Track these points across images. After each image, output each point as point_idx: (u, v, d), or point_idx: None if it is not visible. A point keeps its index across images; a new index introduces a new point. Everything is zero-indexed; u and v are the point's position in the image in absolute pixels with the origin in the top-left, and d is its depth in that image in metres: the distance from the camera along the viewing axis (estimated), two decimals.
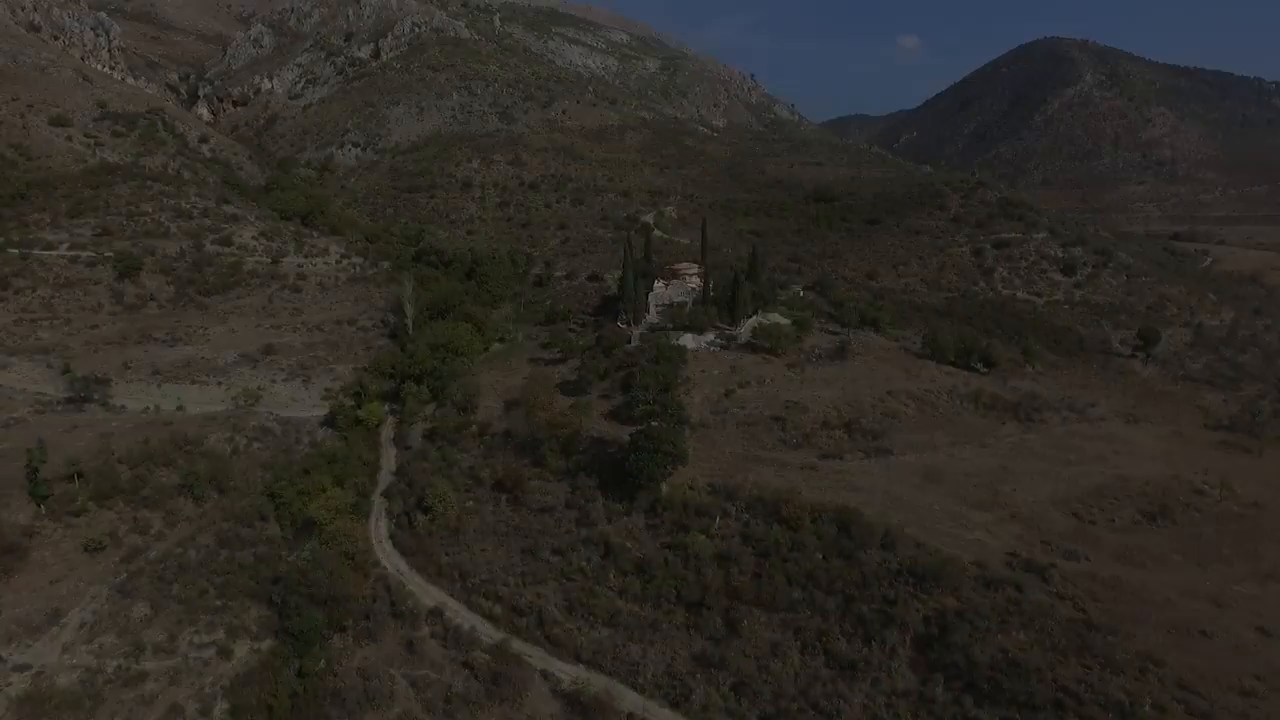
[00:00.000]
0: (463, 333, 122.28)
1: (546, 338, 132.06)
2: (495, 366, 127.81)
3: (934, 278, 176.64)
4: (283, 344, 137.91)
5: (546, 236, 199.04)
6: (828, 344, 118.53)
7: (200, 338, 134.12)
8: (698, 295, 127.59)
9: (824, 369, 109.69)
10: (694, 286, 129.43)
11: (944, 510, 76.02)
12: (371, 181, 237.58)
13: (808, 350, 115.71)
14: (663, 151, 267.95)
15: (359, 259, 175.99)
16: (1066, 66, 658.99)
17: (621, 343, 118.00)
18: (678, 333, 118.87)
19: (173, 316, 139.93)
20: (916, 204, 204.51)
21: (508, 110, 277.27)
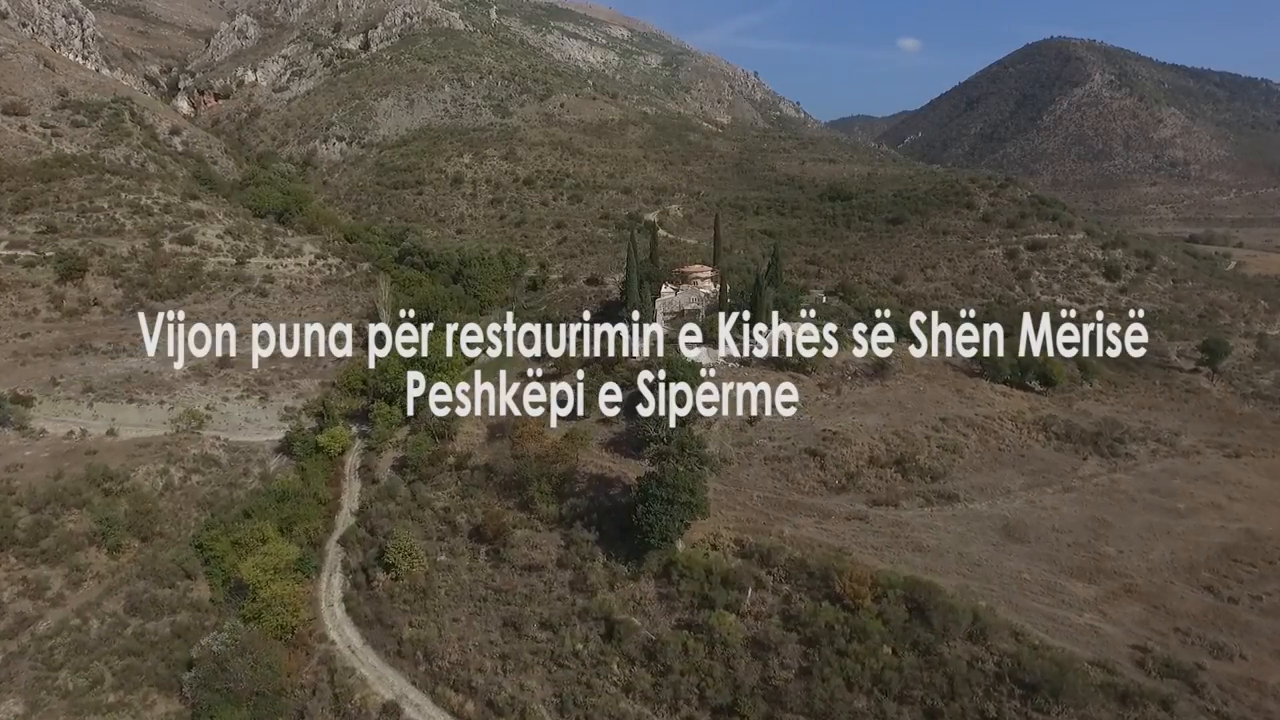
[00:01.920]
0: (442, 344, 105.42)
1: (541, 349, 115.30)
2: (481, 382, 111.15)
3: (965, 282, 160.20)
4: (241, 355, 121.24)
5: (542, 236, 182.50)
6: (864, 359, 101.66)
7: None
8: (711, 302, 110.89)
9: (863, 390, 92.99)
10: (707, 292, 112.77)
11: (1037, 580, 59.31)
12: (356, 177, 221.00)
13: (841, 367, 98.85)
14: (666, 147, 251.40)
15: (336, 260, 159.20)
16: (1074, 66, 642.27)
17: (625, 356, 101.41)
18: (689, 346, 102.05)
19: (118, 324, 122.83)
20: (942, 202, 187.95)
21: (502, 103, 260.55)
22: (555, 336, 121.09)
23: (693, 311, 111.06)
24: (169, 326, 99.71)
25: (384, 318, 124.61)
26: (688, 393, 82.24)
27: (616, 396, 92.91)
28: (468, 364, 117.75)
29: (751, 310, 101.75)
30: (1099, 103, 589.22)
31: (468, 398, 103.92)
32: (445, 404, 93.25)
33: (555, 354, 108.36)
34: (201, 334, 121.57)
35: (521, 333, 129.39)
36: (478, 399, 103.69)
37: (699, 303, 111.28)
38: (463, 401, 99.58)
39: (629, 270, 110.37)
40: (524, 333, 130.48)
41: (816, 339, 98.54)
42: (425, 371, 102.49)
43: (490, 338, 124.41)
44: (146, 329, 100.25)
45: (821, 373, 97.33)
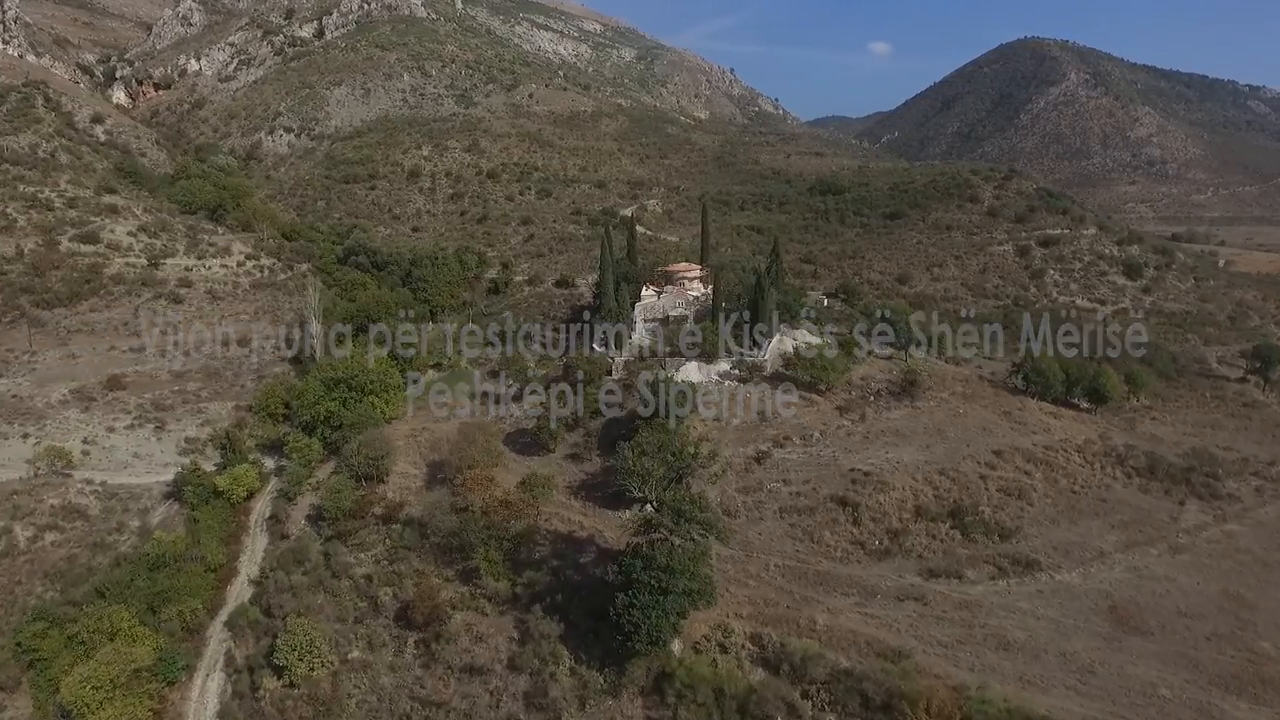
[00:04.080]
0: (379, 363, 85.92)
1: (498, 363, 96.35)
2: (425, 407, 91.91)
3: (976, 281, 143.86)
4: (140, 374, 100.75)
5: (507, 233, 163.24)
6: (885, 374, 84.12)
7: (21, 367, 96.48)
8: (701, 306, 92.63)
9: (891, 414, 75.26)
10: (695, 294, 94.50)
11: (1181, 698, 41.68)
12: (303, 171, 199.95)
13: (861, 384, 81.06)
14: (643, 140, 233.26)
15: (270, 261, 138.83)
16: (1050, 65, 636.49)
17: (598, 374, 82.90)
18: (677, 359, 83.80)
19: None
20: (943, 195, 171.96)
21: (466, 93, 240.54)
22: (516, 348, 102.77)
23: (679, 318, 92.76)
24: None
25: (314, 328, 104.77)
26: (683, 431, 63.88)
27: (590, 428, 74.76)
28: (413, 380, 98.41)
29: (752, 316, 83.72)
30: (1075, 102, 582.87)
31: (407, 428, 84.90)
32: (373, 439, 73.93)
33: (516, 370, 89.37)
34: (91, 348, 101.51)
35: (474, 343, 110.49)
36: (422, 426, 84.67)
37: (686, 307, 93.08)
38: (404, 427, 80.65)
39: (603, 270, 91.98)
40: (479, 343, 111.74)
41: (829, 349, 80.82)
42: (353, 394, 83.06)
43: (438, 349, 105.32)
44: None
45: (838, 391, 79.43)
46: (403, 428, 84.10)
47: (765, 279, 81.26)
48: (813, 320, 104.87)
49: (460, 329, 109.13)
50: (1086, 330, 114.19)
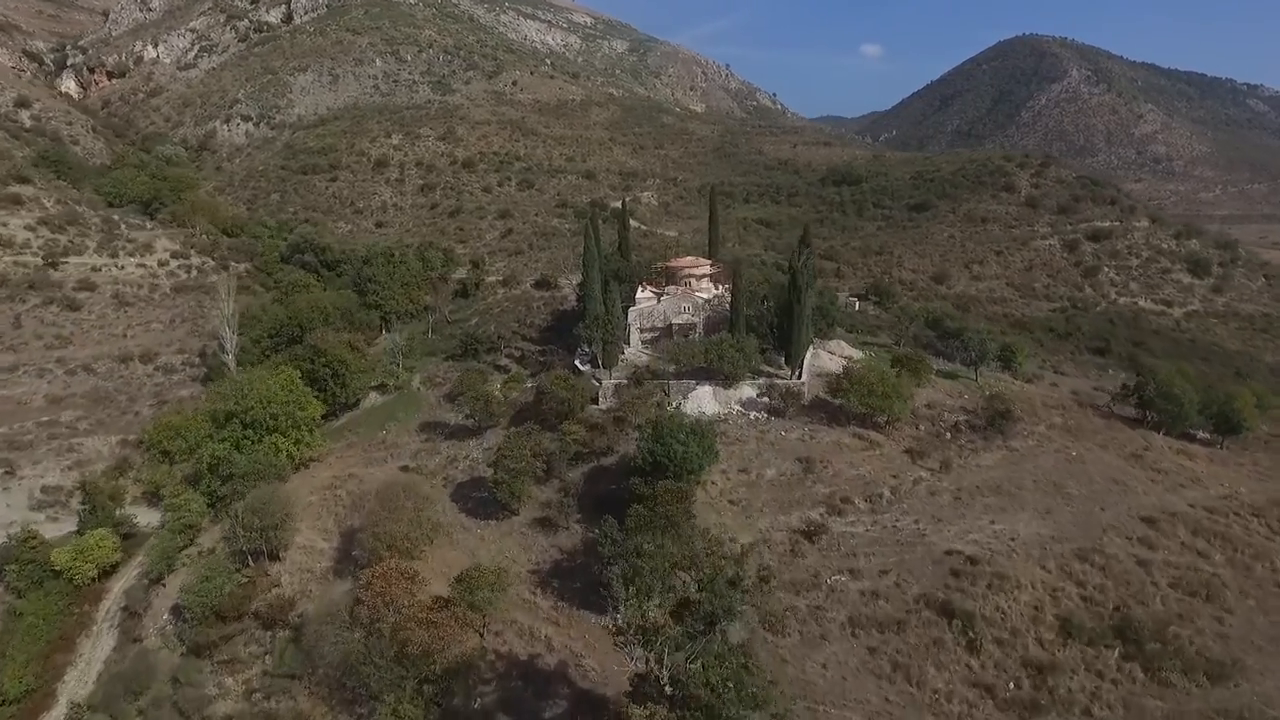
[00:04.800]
0: (286, 387, 64.37)
1: (457, 384, 74.98)
2: (357, 445, 70.51)
3: (1022, 280, 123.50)
4: (3, 399, 79.16)
5: (482, 228, 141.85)
6: (955, 400, 63.15)
7: None
8: (714, 312, 71.46)
9: (981, 460, 54.32)
10: (705, 297, 73.28)
11: None
12: (260, 161, 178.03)
13: (930, 414, 59.99)
14: (636, 129, 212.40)
15: (201, 260, 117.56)
16: (1050, 62, 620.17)
17: (581, 402, 61.77)
18: (685, 383, 62.60)
19: None
20: (974, 184, 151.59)
21: (444, 80, 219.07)
22: (481, 365, 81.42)
23: (685, 326, 71.57)
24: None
25: (227, 340, 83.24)
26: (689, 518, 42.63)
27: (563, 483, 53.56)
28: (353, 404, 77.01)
29: (784, 324, 62.71)
30: (1078, 99, 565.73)
31: (327, 475, 63.50)
32: (266, 499, 52.47)
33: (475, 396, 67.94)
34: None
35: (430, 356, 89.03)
36: (347, 472, 63.28)
37: (694, 312, 71.93)
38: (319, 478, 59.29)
39: (587, 268, 70.87)
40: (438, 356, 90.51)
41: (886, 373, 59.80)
42: (249, 432, 61.59)
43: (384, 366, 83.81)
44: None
45: (903, 426, 58.35)
46: (321, 475, 62.90)
47: (802, 275, 60.10)
48: (845, 328, 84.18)
49: (412, 340, 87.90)
50: None
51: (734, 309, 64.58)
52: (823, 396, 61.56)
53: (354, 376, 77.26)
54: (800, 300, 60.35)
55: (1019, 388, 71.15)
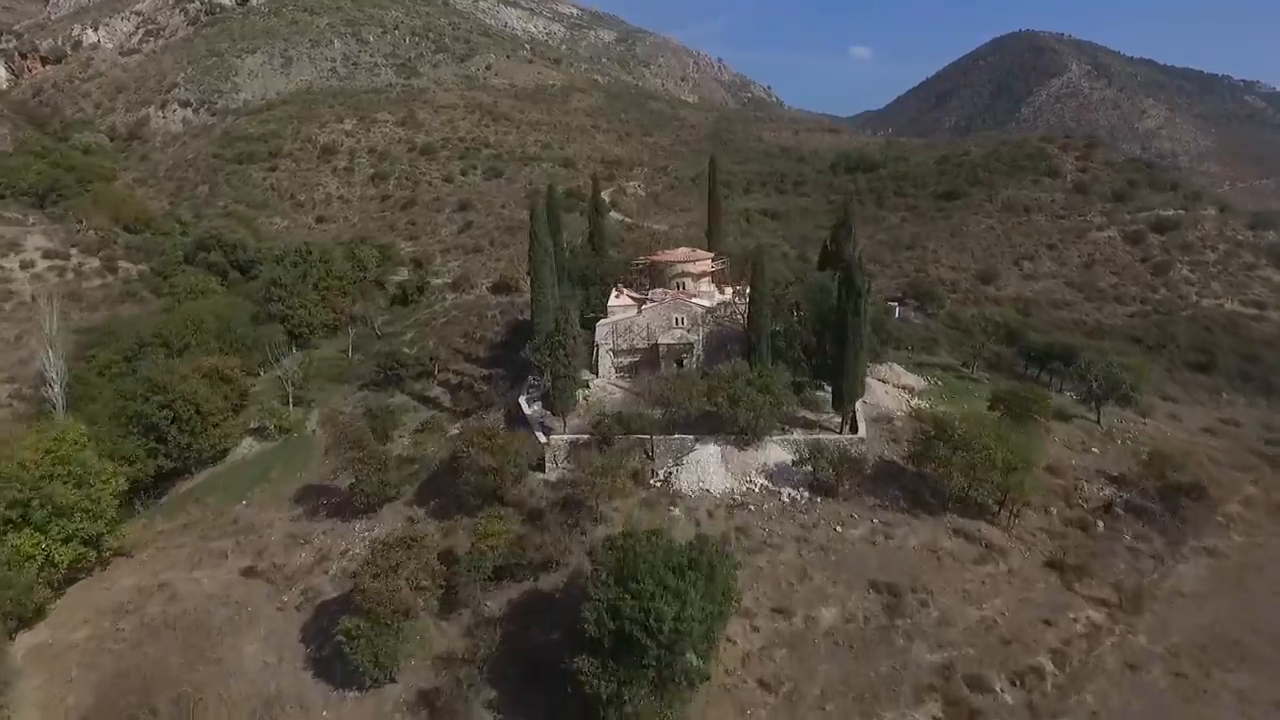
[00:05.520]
0: (65, 451, 41.20)
1: (355, 435, 51.60)
2: (199, 524, 47.59)
3: (1083, 279, 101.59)
4: None
5: (438, 222, 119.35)
6: (1090, 460, 40.44)
7: None
8: (719, 326, 48.66)
9: (1179, 579, 30.78)
10: (706, 307, 50.40)
11: None
12: (193, 150, 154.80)
13: (1061, 488, 36.96)
14: (622, 116, 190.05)
15: (84, 260, 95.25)
16: (1049, 57, 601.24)
17: (515, 472, 38.90)
18: (681, 438, 39.73)
19: None
20: (1011, 169, 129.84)
21: (409, 63, 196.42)
22: (388, 408, 58.31)
23: (678, 346, 48.76)
24: None
25: (49, 367, 60.03)
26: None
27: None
28: (215, 457, 54.16)
29: (826, 346, 40.05)
30: (1079, 94, 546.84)
31: (131, 584, 40.67)
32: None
33: (365, 461, 44.96)
34: None
35: (339, 384, 66.13)
36: (135, 604, 40.41)
37: (689, 327, 49.19)
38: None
39: (536, 266, 48.25)
40: (352, 386, 67.84)
41: (988, 418, 37.45)
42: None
43: (266, 404, 60.82)
44: None
45: (1031, 512, 35.61)
46: (118, 585, 40.01)
47: (858, 274, 37.46)
48: (892, 345, 61.36)
49: (309, 363, 65.01)
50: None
51: (752, 322, 42.00)
52: (888, 458, 38.89)
53: (215, 420, 54.33)
54: (857, 310, 37.83)
55: (1158, 432, 48.69)
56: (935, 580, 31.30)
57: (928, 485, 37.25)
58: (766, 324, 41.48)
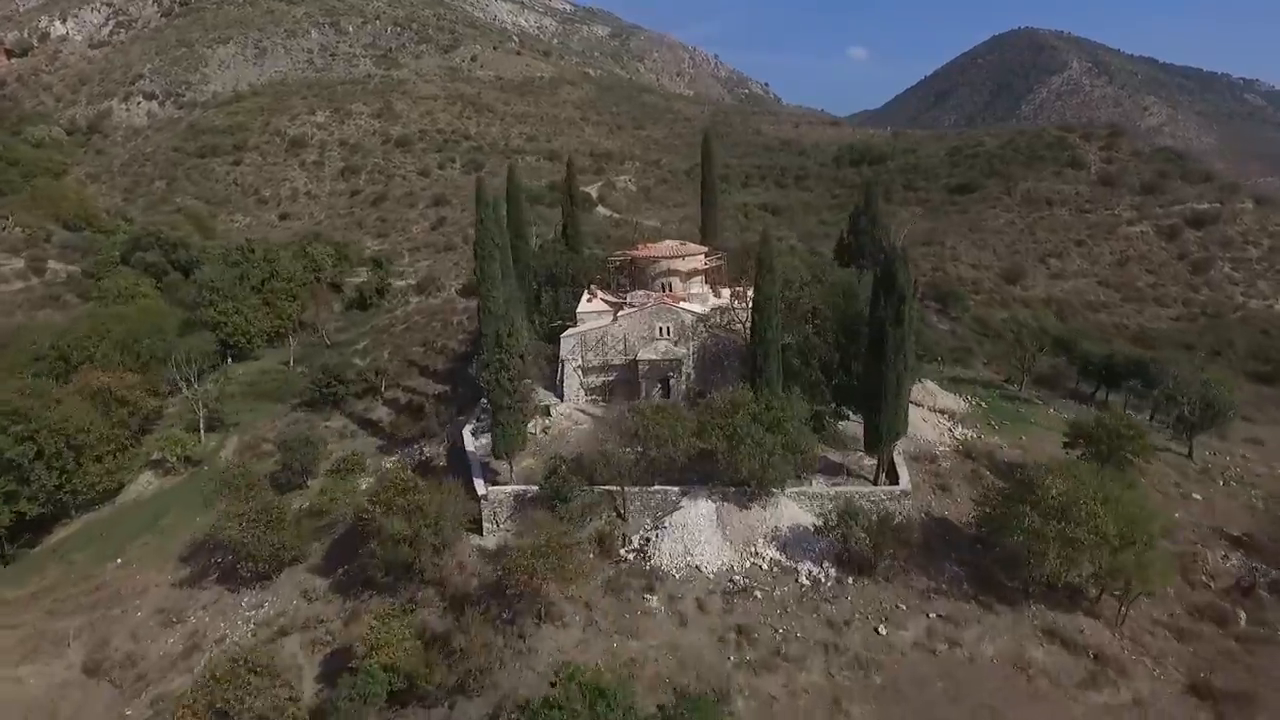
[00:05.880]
0: None
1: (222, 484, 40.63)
2: (56, 588, 37.28)
3: (1118, 278, 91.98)
4: None
5: (409, 218, 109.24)
6: (1201, 515, 29.91)
7: None
8: (712, 337, 38.34)
9: None
10: (698, 313, 40.04)
11: None
12: (155, 144, 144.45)
13: (1189, 565, 26.34)
14: (613, 108, 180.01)
15: (5, 260, 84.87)
16: (1049, 55, 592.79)
17: (436, 540, 28.51)
18: (663, 490, 29.24)
19: None
20: (1029, 160, 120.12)
21: (390, 54, 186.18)
22: (308, 435, 47.89)
23: (660, 365, 38.52)
24: None
25: None
26: None
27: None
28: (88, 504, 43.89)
29: (853, 364, 29.71)
30: (1080, 91, 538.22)
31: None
32: None
33: (255, 519, 34.64)
34: None
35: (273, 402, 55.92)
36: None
37: (676, 338, 38.96)
38: None
39: (482, 263, 37.61)
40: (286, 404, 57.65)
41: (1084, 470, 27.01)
42: None
43: (171, 436, 50.55)
44: None
45: (1152, 603, 25.20)
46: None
47: (901, 269, 27.26)
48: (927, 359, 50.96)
49: (223, 383, 54.65)
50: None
51: (757, 332, 31.73)
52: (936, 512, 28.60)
53: (98, 453, 44.11)
54: (900, 317, 27.67)
55: (1266, 470, 38.49)
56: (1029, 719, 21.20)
57: (995, 557, 27.19)
58: (775, 335, 31.34)
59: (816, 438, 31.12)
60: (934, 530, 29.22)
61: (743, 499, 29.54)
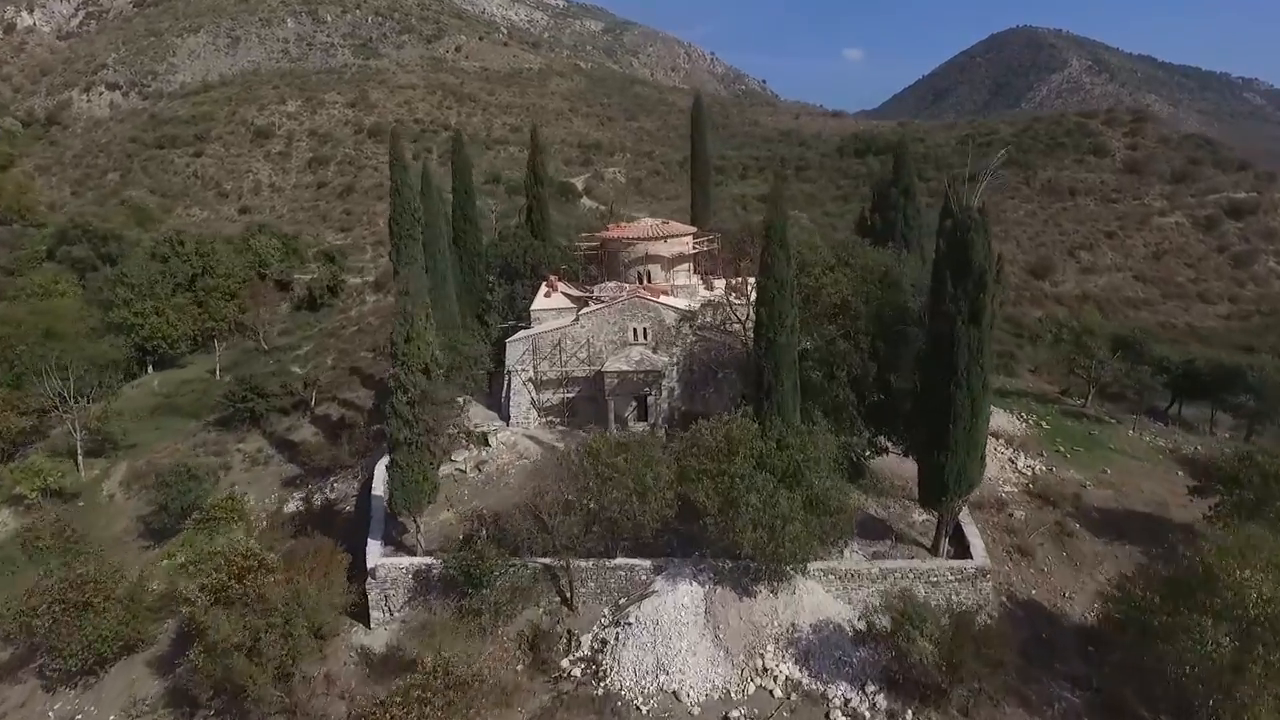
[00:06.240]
0: None
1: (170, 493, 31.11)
2: None
3: (1155, 273, 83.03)
4: None
5: (377, 211, 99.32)
6: None
7: None
8: (704, 345, 28.66)
9: None
10: (682, 309, 30.45)
11: None
12: (114, 135, 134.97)
13: None
14: (604, 100, 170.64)
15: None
16: (1048, 53, 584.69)
17: (276, 662, 18.91)
18: (629, 565, 19.58)
19: None
20: (1048, 148, 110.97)
21: (370, 43, 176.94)
22: (188, 475, 38.22)
23: (634, 379, 28.99)
24: None
25: None
26: None
27: None
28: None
29: (927, 394, 20.04)
30: (1080, 89, 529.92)
31: None
32: None
33: (66, 606, 25.12)
34: None
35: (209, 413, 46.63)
36: None
37: (657, 340, 29.40)
38: None
39: (397, 240, 27.97)
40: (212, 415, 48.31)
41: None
42: None
43: (38, 467, 41.16)
44: None
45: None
46: None
47: (979, 240, 17.83)
48: None
49: (108, 399, 44.99)
50: None
51: (764, 334, 22.17)
52: (1019, 591, 19.07)
53: None
54: (977, 314, 18.14)
55: None
56: None
57: (1123, 668, 17.83)
58: (790, 339, 21.89)
59: (853, 488, 21.69)
60: (1022, 623, 19.93)
61: (743, 580, 20.23)
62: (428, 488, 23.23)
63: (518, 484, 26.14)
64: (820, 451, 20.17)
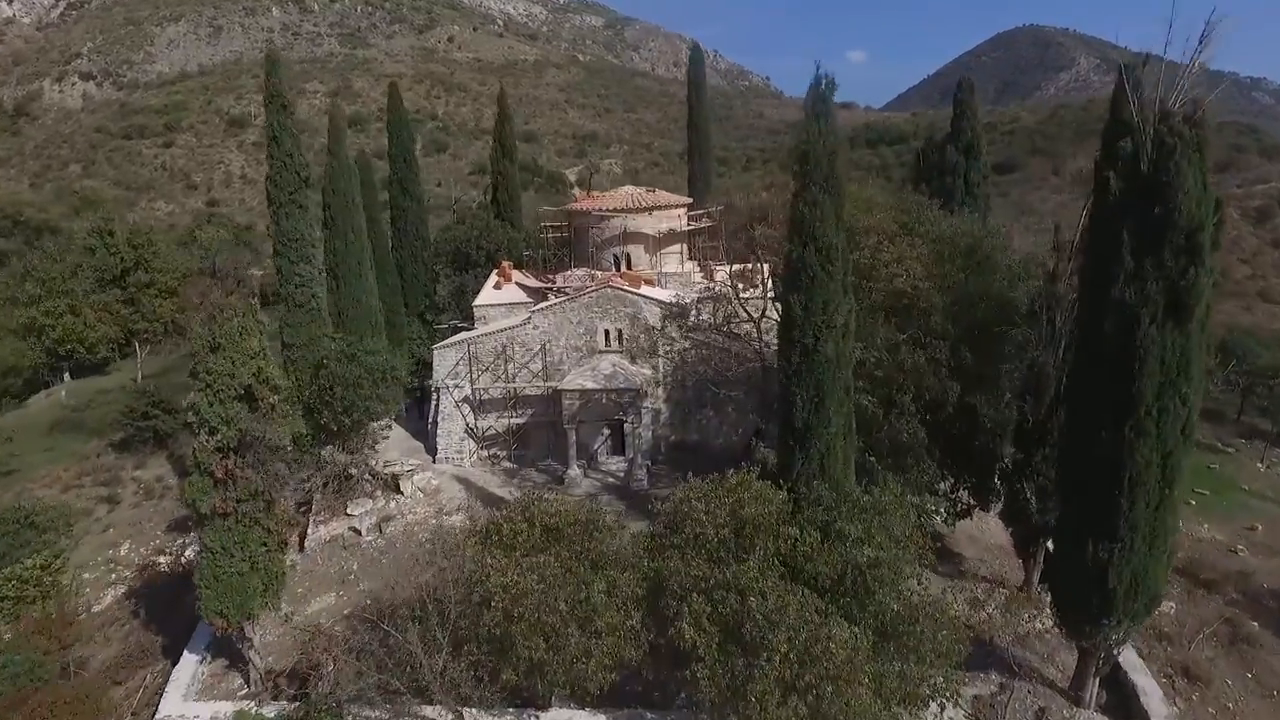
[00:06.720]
0: None
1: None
2: None
3: None
4: None
5: None
6: None
7: None
8: (700, 353, 20.19)
9: None
10: (667, 302, 21.99)
11: None
12: (80, 125, 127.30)
13: None
14: (601, 91, 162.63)
15: None
16: (1055, 51, 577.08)
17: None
18: (567, 716, 10.92)
19: None
20: (1077, 136, 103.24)
21: (358, 33, 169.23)
22: (28, 521, 30.05)
23: (603, 400, 20.61)
24: None
25: None
26: None
27: None
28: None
29: (1083, 429, 11.44)
30: (1089, 87, 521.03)
31: None
32: None
33: None
34: None
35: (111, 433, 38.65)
36: None
37: (643, 347, 21.03)
38: None
39: (273, 200, 19.66)
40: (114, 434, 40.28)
41: None
42: None
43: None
44: None
45: None
46: None
47: (1186, 169, 9.54)
48: None
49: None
50: None
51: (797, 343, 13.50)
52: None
53: None
54: (1184, 308, 9.54)
55: None
56: None
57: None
58: (841, 346, 12.96)
59: (931, 553, 12.84)
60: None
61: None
62: (259, 583, 14.70)
63: (428, 554, 17.97)
64: (899, 542, 11.62)
